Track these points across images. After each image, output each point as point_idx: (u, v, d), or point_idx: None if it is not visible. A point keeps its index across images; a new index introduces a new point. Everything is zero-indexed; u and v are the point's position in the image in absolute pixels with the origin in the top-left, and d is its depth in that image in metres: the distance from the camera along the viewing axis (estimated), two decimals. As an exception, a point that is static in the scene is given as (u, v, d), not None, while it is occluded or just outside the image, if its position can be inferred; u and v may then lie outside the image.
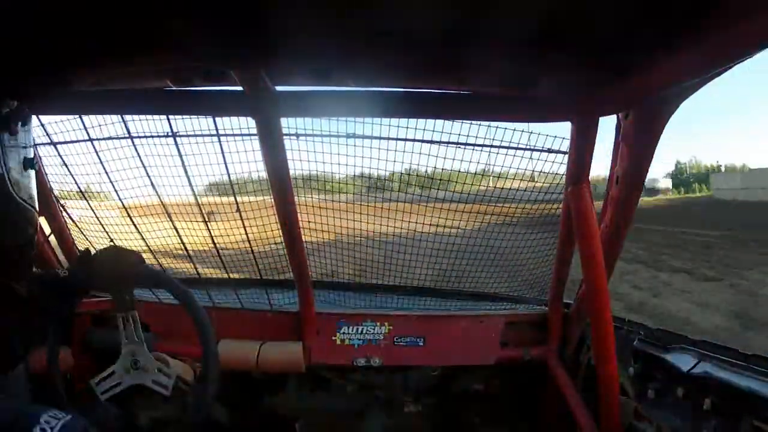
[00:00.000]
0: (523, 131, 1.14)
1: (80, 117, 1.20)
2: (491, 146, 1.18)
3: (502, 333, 1.51)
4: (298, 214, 1.27)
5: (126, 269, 0.84)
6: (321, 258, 1.55)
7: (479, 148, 1.18)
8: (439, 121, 1.14)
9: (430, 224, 1.41)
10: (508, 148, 1.17)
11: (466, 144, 1.18)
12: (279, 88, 0.89)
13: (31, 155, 0.73)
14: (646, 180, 0.99)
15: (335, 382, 1.64)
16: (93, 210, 1.46)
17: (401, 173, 1.26)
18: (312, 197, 1.40)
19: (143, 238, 1.46)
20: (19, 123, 0.70)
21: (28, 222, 0.70)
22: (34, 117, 0.77)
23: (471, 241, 1.45)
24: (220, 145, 1.21)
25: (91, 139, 1.25)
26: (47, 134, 1.25)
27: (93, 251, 0.88)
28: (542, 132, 1.14)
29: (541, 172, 1.20)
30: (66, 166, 1.31)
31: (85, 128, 1.23)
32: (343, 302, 1.65)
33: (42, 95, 0.89)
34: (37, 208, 0.73)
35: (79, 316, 1.51)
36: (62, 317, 0.94)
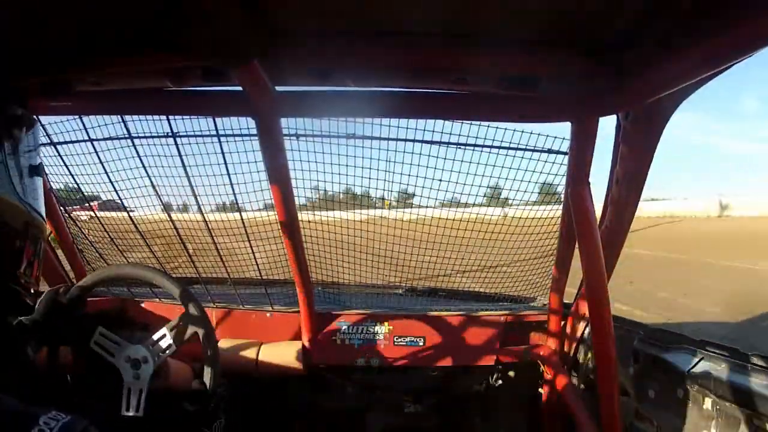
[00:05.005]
0: (523, 131, 1.14)
1: (80, 117, 1.20)
2: (491, 146, 1.18)
3: (502, 333, 1.51)
4: (299, 214, 1.27)
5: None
6: (321, 258, 1.55)
7: (479, 148, 1.18)
8: (439, 121, 1.14)
9: (430, 224, 1.41)
10: (508, 148, 1.17)
11: (466, 144, 1.18)
12: (279, 88, 0.89)
13: (38, 162, 0.72)
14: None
15: (335, 382, 1.64)
16: (93, 209, 1.46)
17: (401, 173, 1.25)
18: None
19: (143, 237, 1.46)
20: (24, 129, 0.69)
21: (37, 229, 0.70)
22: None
23: (471, 241, 1.45)
24: (220, 145, 1.21)
25: (91, 140, 1.25)
26: (47, 134, 1.25)
27: None
28: (542, 132, 1.14)
29: (541, 172, 1.20)
30: (66, 166, 1.31)
31: (85, 128, 1.23)
32: (343, 302, 1.65)
33: (42, 95, 0.89)
34: (45, 216, 0.73)
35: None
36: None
